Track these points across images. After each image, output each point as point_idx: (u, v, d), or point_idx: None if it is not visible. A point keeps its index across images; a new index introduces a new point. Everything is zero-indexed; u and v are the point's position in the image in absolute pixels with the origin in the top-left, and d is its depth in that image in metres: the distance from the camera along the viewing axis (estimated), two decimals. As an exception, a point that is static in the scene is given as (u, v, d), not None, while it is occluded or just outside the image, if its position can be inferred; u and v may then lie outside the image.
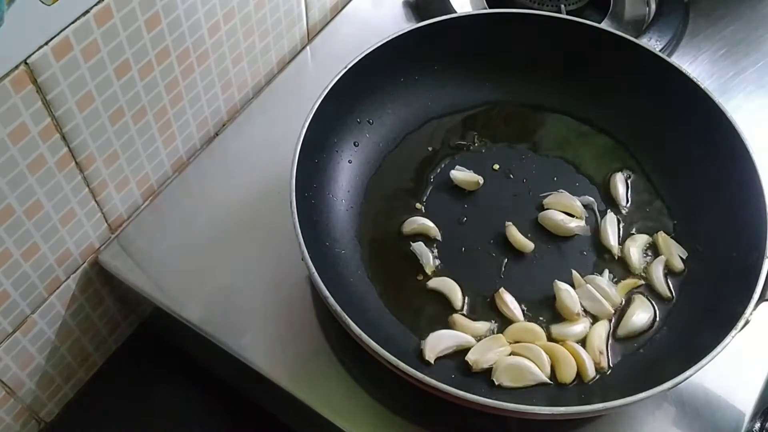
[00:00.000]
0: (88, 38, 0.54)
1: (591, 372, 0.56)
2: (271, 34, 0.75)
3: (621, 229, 0.65)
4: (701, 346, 0.52)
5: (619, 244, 0.64)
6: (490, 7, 0.82)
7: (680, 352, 0.55)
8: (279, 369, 0.59)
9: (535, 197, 0.67)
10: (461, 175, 0.67)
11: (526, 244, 0.63)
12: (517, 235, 0.63)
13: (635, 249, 0.63)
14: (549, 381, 0.56)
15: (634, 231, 0.64)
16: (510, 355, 0.57)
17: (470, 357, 0.57)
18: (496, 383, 0.56)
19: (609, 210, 0.66)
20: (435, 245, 0.64)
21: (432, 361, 0.56)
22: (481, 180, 0.67)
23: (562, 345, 0.58)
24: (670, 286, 0.61)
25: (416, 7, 0.83)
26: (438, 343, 0.57)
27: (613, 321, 0.59)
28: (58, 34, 0.51)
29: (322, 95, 0.63)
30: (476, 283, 0.62)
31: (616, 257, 0.63)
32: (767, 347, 0.61)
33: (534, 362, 0.56)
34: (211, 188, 0.70)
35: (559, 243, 0.64)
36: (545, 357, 0.57)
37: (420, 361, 0.57)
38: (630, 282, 0.61)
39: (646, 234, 0.64)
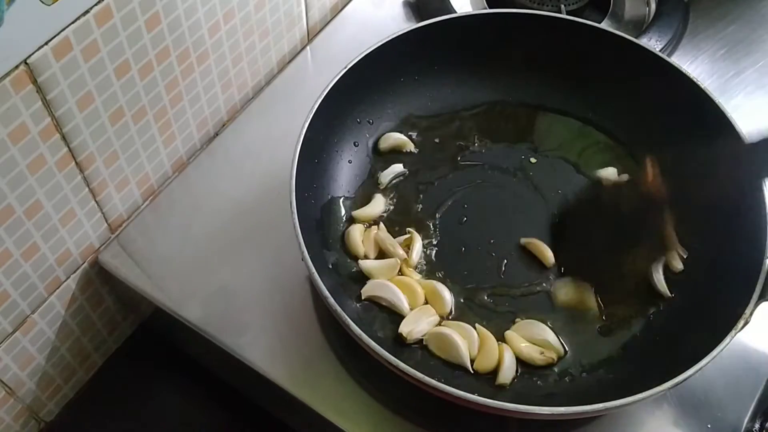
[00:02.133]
0: (88, 38, 0.54)
1: (508, 375, 0.56)
2: (271, 34, 0.75)
3: (621, 229, 0.65)
4: (701, 346, 0.52)
5: (618, 244, 0.64)
6: (490, 7, 0.82)
7: (680, 352, 0.55)
8: (279, 369, 0.59)
9: (535, 196, 0.67)
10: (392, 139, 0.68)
11: (549, 257, 0.62)
12: (541, 247, 0.63)
13: (635, 249, 0.63)
14: (469, 367, 0.56)
15: (633, 231, 0.64)
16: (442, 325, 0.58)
17: (403, 329, 0.57)
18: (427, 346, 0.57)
19: (609, 210, 0.66)
20: (435, 245, 0.64)
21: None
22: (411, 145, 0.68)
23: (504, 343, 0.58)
24: (670, 285, 0.61)
25: (416, 7, 0.83)
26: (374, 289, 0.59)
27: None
28: (58, 34, 0.51)
29: (322, 95, 0.63)
30: (476, 282, 0.62)
31: (616, 257, 0.63)
32: (767, 347, 0.61)
33: (465, 340, 0.57)
34: (211, 188, 0.70)
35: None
36: (476, 338, 0.57)
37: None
38: None
39: (646, 234, 0.64)
